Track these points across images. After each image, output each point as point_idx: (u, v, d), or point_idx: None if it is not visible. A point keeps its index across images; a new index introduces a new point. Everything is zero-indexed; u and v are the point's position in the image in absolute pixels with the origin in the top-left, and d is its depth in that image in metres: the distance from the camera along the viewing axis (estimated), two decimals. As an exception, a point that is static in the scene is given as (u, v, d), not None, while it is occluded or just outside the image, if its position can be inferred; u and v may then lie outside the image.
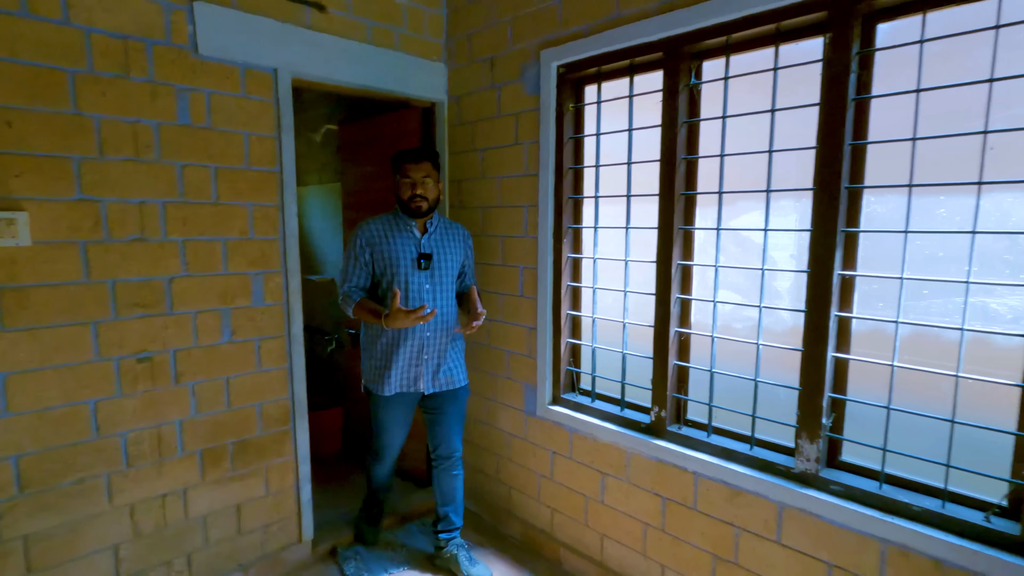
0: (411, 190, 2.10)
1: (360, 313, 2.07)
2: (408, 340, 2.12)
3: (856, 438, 1.62)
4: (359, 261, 2.13)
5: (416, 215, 2.12)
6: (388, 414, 2.24)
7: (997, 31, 1.30)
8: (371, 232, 2.13)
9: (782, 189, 1.70)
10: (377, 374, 2.17)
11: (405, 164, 2.11)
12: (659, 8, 1.84)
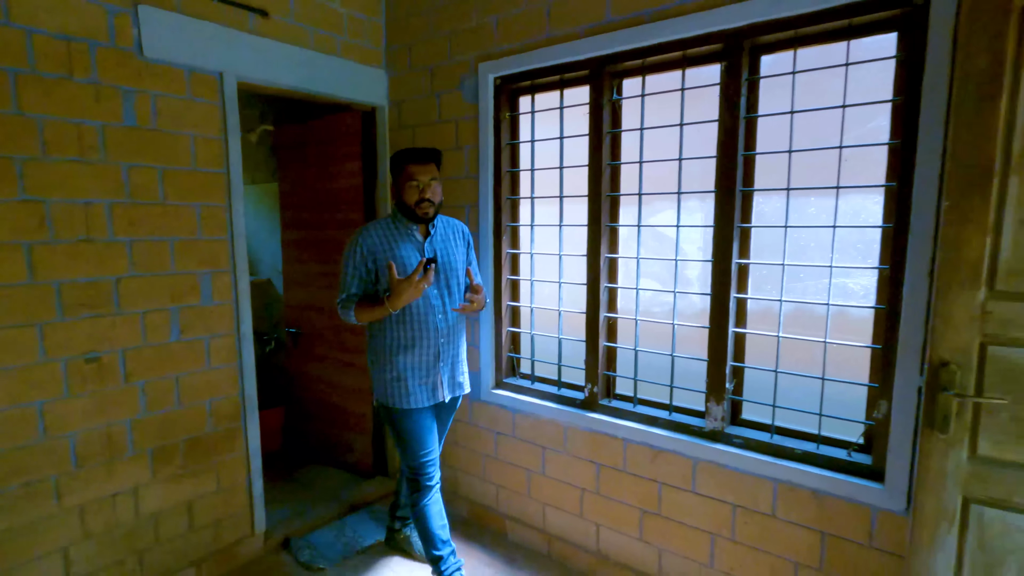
0: (419, 194, 1.94)
1: (362, 313, 1.94)
2: (423, 347, 1.99)
3: (753, 399, 1.94)
4: (359, 272, 1.97)
5: (423, 221, 1.98)
6: (414, 424, 2.03)
7: (847, 68, 1.65)
8: (372, 240, 1.96)
9: (690, 191, 2.00)
10: (394, 387, 2.01)
11: (410, 165, 1.95)
12: (585, 32, 2.09)
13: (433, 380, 2.03)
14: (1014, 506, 1.33)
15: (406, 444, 2.05)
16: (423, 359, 2.00)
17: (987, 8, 1.26)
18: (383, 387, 2.04)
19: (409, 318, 1.97)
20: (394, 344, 2.00)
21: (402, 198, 1.98)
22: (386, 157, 2.85)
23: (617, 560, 2.22)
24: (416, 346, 1.99)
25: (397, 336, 2.00)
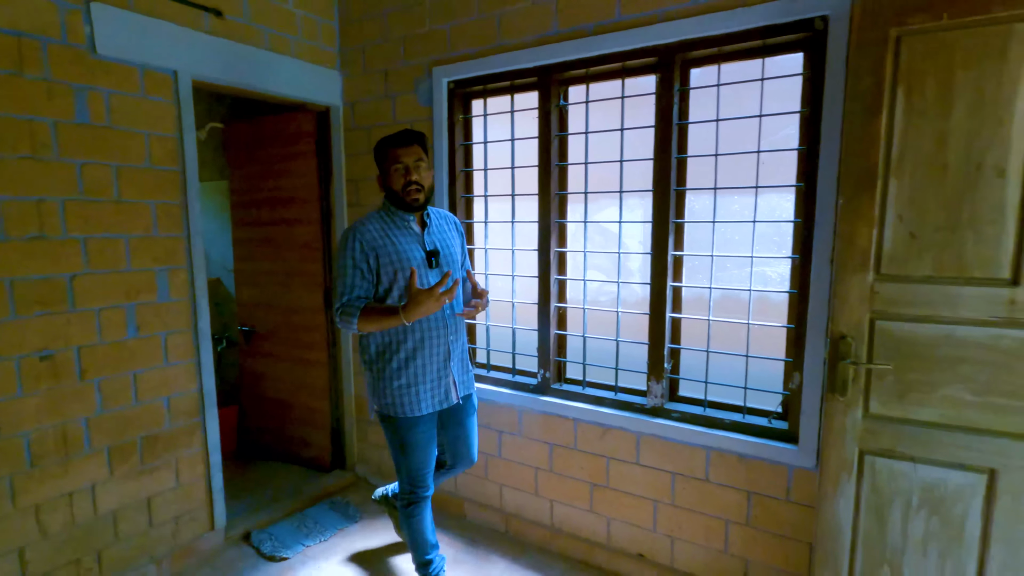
0: (404, 176, 1.81)
1: (368, 322, 1.74)
2: (433, 348, 1.85)
3: (688, 377, 2.16)
4: (359, 269, 1.79)
5: (413, 208, 1.84)
6: (419, 434, 1.90)
7: (763, 82, 1.88)
8: (370, 235, 1.81)
9: (631, 190, 2.19)
10: (401, 395, 1.85)
11: (392, 149, 1.83)
12: (534, 42, 2.25)
13: (446, 382, 1.90)
14: (897, 455, 1.58)
15: (410, 456, 1.92)
16: (434, 361, 1.86)
17: (870, 38, 1.50)
18: (389, 395, 1.86)
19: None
20: (402, 347, 1.83)
21: (389, 185, 1.85)
22: (341, 156, 2.91)
23: (570, 532, 2.39)
24: (426, 348, 1.84)
25: (405, 338, 1.83)
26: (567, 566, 2.34)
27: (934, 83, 1.45)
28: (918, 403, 1.55)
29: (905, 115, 1.49)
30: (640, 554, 2.23)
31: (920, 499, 1.57)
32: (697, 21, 1.90)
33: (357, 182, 2.89)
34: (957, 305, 1.48)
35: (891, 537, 1.62)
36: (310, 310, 3.08)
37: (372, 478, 3.06)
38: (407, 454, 1.93)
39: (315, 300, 3.06)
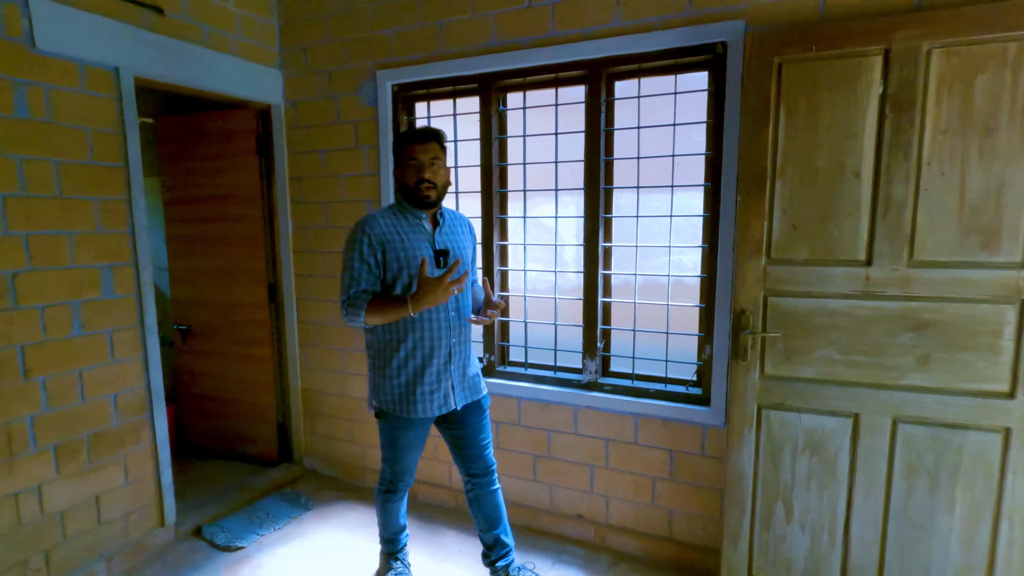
0: (417, 174, 1.79)
1: (376, 314, 1.74)
2: (435, 349, 1.84)
3: (618, 354, 2.44)
4: (367, 263, 1.77)
5: (425, 205, 1.82)
6: (412, 435, 1.93)
7: (675, 96, 2.18)
8: (380, 228, 1.79)
9: (565, 188, 2.44)
10: (401, 393, 1.85)
11: (410, 146, 1.81)
12: (474, 51, 2.44)
13: (445, 387, 1.87)
14: (786, 407, 1.92)
15: (396, 454, 1.96)
16: (434, 362, 1.84)
17: (759, 64, 1.82)
18: (388, 393, 1.87)
19: (421, 315, 1.80)
20: (402, 345, 1.83)
21: (403, 181, 1.83)
22: (284, 154, 2.96)
23: (516, 501, 2.61)
24: (427, 347, 1.83)
25: (407, 337, 1.82)
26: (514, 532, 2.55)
27: (806, 102, 1.79)
28: (801, 363, 1.89)
29: (786, 128, 1.82)
30: (580, 515, 2.48)
31: (804, 442, 1.92)
32: (619, 40, 2.17)
33: (301, 180, 2.96)
34: (827, 282, 1.83)
35: (783, 476, 1.96)
36: (253, 306, 3.11)
37: (321, 470, 3.14)
38: (395, 452, 1.96)
39: (259, 296, 3.10)
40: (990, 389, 1.72)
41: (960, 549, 1.80)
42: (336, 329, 2.97)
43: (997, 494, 1.75)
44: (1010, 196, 1.65)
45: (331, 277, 2.94)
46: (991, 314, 1.70)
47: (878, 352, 1.80)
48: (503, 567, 2.07)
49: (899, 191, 1.73)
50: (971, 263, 1.70)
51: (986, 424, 1.73)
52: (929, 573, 1.84)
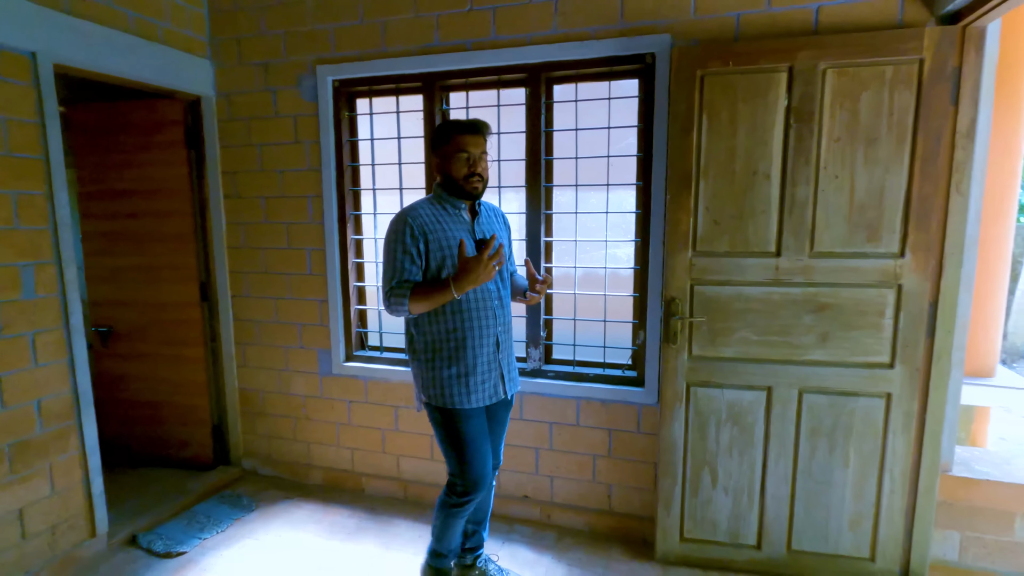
0: (468, 167, 1.76)
1: (420, 301, 1.70)
2: (484, 337, 1.82)
3: (560, 342, 2.59)
4: (409, 254, 1.73)
5: (471, 197, 1.82)
6: (475, 424, 1.85)
7: (609, 101, 2.35)
8: (423, 218, 1.76)
9: (507, 186, 2.55)
10: (455, 384, 1.81)
11: (459, 136, 1.76)
12: (418, 51, 2.49)
13: (495, 375, 1.87)
14: (711, 384, 2.15)
15: (464, 453, 1.84)
16: (485, 351, 1.83)
17: (684, 76, 2.02)
18: (439, 385, 1.81)
19: (467, 305, 1.79)
20: (453, 335, 1.80)
21: (449, 172, 1.79)
22: (216, 147, 2.87)
23: (464, 487, 2.71)
24: (477, 337, 1.81)
25: (456, 326, 1.80)
26: (463, 517, 2.66)
27: (725, 111, 2.01)
28: (723, 344, 2.12)
29: (708, 134, 2.04)
30: (525, 495, 2.62)
31: (727, 414, 2.16)
32: (558, 47, 2.31)
33: (236, 174, 2.88)
34: (744, 272, 2.07)
35: (709, 445, 2.19)
36: (184, 305, 2.99)
37: (262, 470, 3.08)
38: (462, 449, 1.84)
39: (189, 294, 2.98)
40: (875, 361, 2.02)
41: (852, 499, 2.10)
42: (277, 326, 2.93)
43: (881, 451, 2.06)
44: (889, 197, 1.94)
45: (271, 273, 2.89)
46: (875, 297, 1.99)
47: (786, 332, 2.06)
48: (474, 557, 2.14)
49: (802, 192, 1.99)
50: (859, 254, 1.99)
51: (872, 391, 2.03)
52: (828, 522, 2.13)
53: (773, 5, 2.04)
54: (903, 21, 1.93)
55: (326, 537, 2.51)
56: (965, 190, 1.90)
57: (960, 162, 1.89)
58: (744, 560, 2.22)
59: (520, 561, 2.31)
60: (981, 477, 2.09)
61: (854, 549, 2.12)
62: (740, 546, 2.21)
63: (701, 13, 2.12)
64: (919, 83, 1.87)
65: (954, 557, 2.14)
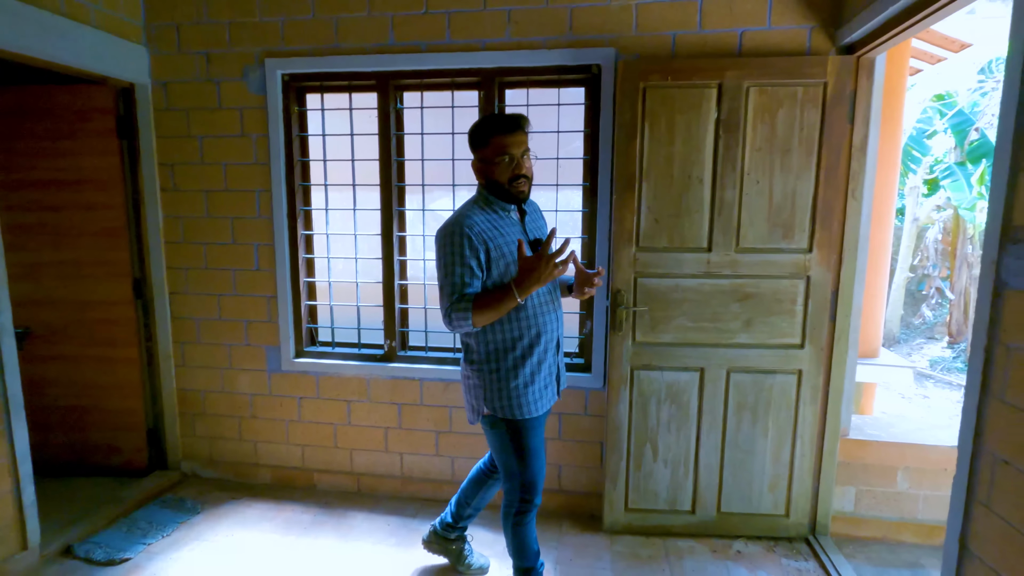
0: (511, 170, 1.67)
1: (484, 312, 1.61)
2: (547, 342, 1.76)
3: (511, 334, 2.73)
4: (468, 266, 1.63)
5: (518, 201, 1.74)
6: (539, 435, 1.80)
7: (559, 107, 2.52)
8: (479, 227, 1.66)
9: (462, 184, 2.66)
10: (520, 395, 1.73)
11: (498, 137, 1.66)
12: (372, 49, 2.53)
13: (553, 378, 1.83)
14: (652, 367, 2.38)
15: (529, 461, 1.79)
16: (548, 355, 1.78)
17: (628, 87, 2.22)
18: (505, 397, 1.73)
19: (531, 310, 1.72)
20: (519, 343, 1.71)
21: (492, 177, 1.70)
22: (151, 137, 2.75)
23: (419, 477, 2.79)
24: (542, 342, 1.74)
25: (522, 332, 1.71)
26: (419, 505, 2.74)
27: (664, 121, 2.23)
28: (662, 331, 2.36)
29: (650, 141, 2.25)
30: (480, 481, 2.74)
31: (665, 394, 2.39)
32: (510, 54, 2.44)
33: (174, 166, 2.77)
34: (681, 265, 2.31)
35: (650, 423, 2.42)
36: (114, 303, 2.84)
37: (204, 472, 2.98)
38: (526, 459, 1.78)
39: (121, 292, 2.84)
40: (789, 342, 2.33)
41: (771, 464, 2.41)
42: (221, 323, 2.85)
43: (794, 420, 2.38)
44: (799, 200, 2.25)
45: (214, 269, 2.81)
46: (789, 287, 2.30)
47: (717, 319, 2.33)
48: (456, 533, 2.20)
49: (729, 195, 2.25)
50: (776, 249, 2.28)
51: (787, 368, 2.34)
52: (751, 485, 2.42)
53: (704, 28, 2.29)
54: (811, 49, 2.24)
55: (282, 533, 2.50)
56: (859, 196, 2.24)
57: (855, 172, 2.23)
58: (681, 525, 2.47)
59: (479, 542, 2.43)
60: (871, 439, 2.46)
61: (773, 507, 2.43)
62: (677, 512, 2.46)
63: (642, 30, 2.33)
64: (823, 103, 2.18)
65: (851, 508, 2.50)
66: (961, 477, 1.38)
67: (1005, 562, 1.25)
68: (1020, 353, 1.22)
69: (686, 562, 2.31)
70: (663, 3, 2.31)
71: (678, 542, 2.44)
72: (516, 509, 1.85)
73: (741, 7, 2.26)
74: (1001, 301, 1.28)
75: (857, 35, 2.09)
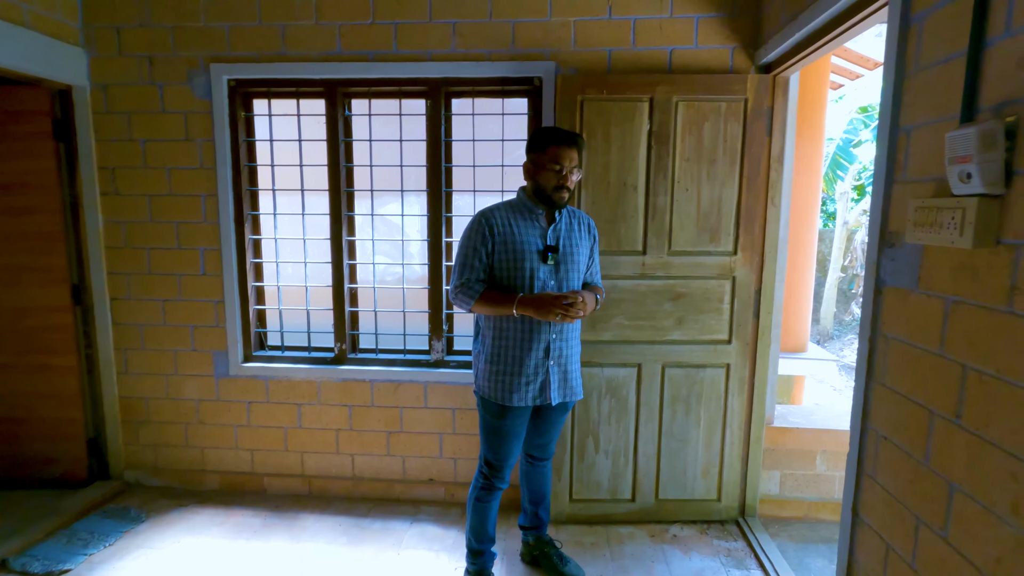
0: (557, 179, 1.85)
1: (483, 305, 1.86)
2: (534, 342, 1.90)
3: (462, 334, 2.82)
4: (479, 252, 1.88)
5: (555, 207, 1.91)
6: (508, 424, 1.96)
7: (503, 116, 2.63)
8: (496, 220, 1.89)
9: (410, 190, 2.73)
10: (503, 381, 1.92)
11: (555, 147, 1.84)
12: (320, 57, 2.58)
13: (542, 380, 1.94)
14: (593, 363, 2.50)
15: (494, 444, 1.99)
16: (533, 356, 1.90)
17: (567, 100, 2.35)
18: (484, 378, 1.96)
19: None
20: (504, 335, 1.91)
21: (537, 180, 1.89)
22: (90, 141, 2.70)
23: (370, 477, 2.83)
24: (527, 340, 1.89)
25: (508, 328, 1.91)
26: (371, 504, 2.78)
27: (601, 132, 2.38)
28: (602, 330, 2.50)
29: (588, 150, 2.39)
30: (431, 478, 2.81)
31: (606, 388, 2.53)
32: (456, 65, 2.53)
33: (115, 170, 2.73)
34: (619, 267, 2.45)
35: (592, 416, 2.55)
36: (52, 309, 2.77)
37: (148, 481, 2.94)
38: (492, 441, 1.99)
39: (58, 298, 2.77)
40: (718, 338, 2.51)
41: (704, 452, 2.58)
42: (166, 329, 2.82)
43: (724, 410, 2.56)
44: (725, 207, 2.43)
45: (159, 275, 2.78)
46: (717, 287, 2.48)
47: (652, 317, 2.49)
48: (535, 536, 2.27)
49: (661, 201, 2.42)
50: (704, 252, 2.46)
51: (716, 362, 2.52)
52: (686, 472, 2.59)
53: (638, 45, 2.45)
54: (733, 68, 2.43)
55: (231, 538, 2.50)
56: (778, 202, 2.45)
57: (774, 180, 2.43)
58: (622, 512, 2.61)
59: (428, 536, 2.50)
60: (793, 426, 2.68)
61: (706, 493, 2.61)
62: (618, 500, 2.61)
63: (580, 46, 2.47)
64: (744, 117, 2.37)
65: (776, 491, 2.71)
66: (853, 453, 1.56)
67: (885, 526, 1.43)
68: (896, 342, 1.40)
69: (626, 547, 2.45)
70: (600, 21, 2.45)
71: (619, 529, 2.59)
72: (477, 483, 2.07)
73: (671, 27, 2.43)
74: (881, 297, 1.46)
75: (773, 56, 2.29)
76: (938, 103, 1.26)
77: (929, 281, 1.28)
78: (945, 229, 1.15)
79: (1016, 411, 1.04)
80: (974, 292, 1.15)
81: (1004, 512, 1.06)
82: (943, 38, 1.25)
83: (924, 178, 1.30)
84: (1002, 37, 1.09)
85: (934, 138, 1.27)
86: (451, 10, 2.50)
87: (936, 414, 1.25)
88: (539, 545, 2.26)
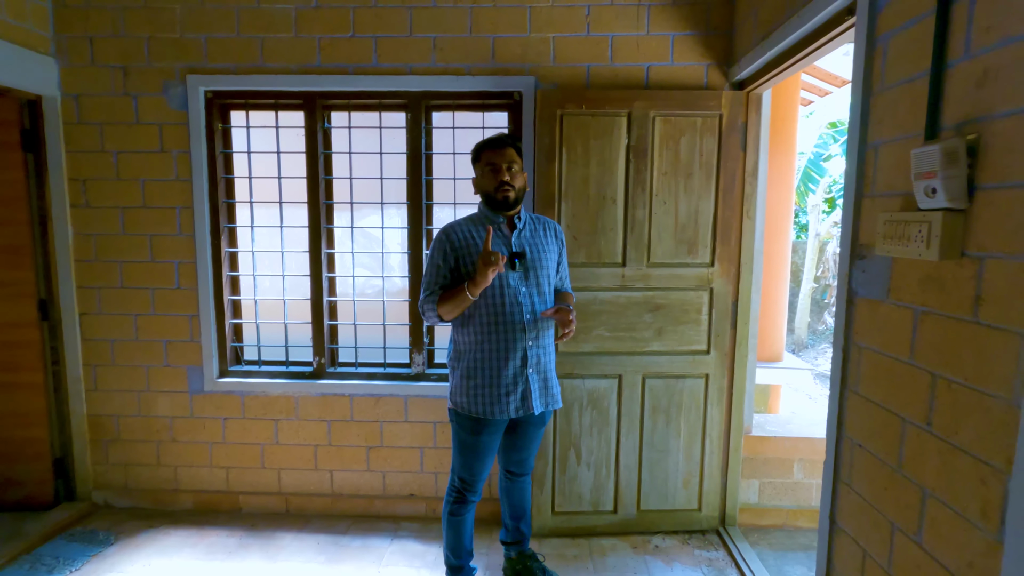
0: (496, 178, 1.90)
1: (445, 304, 1.85)
2: (509, 351, 1.89)
3: (442, 346, 2.80)
4: (441, 270, 1.90)
5: (504, 207, 1.92)
6: (482, 439, 1.95)
7: (483, 129, 2.65)
8: (456, 235, 1.91)
9: (390, 202, 2.72)
10: (482, 395, 1.90)
11: (486, 151, 1.93)
12: (299, 69, 2.57)
13: (522, 389, 1.93)
14: (575, 375, 2.51)
15: (469, 459, 1.98)
16: (511, 364, 1.90)
17: (547, 114, 2.38)
18: (461, 393, 1.94)
19: (496, 318, 1.89)
20: (479, 347, 1.91)
21: (484, 189, 1.95)
22: (60, 151, 2.64)
23: (350, 493, 2.78)
24: (503, 349, 1.89)
25: (483, 338, 1.90)
26: (350, 522, 2.73)
27: (580, 146, 2.41)
28: (583, 341, 2.51)
29: (567, 164, 2.42)
30: (411, 493, 2.78)
31: (587, 400, 2.54)
32: (436, 79, 2.55)
33: (86, 182, 2.67)
34: (599, 279, 2.47)
35: (574, 428, 2.55)
36: (17, 325, 2.69)
37: (118, 502, 2.84)
38: (466, 457, 1.98)
39: (23, 313, 2.69)
40: (697, 349, 2.54)
41: (684, 462, 2.60)
42: (137, 345, 2.75)
43: (703, 420, 2.59)
44: (702, 219, 2.48)
45: (131, 288, 2.71)
46: (695, 298, 2.52)
47: (632, 328, 2.51)
48: (517, 551, 2.24)
49: (640, 214, 2.45)
50: (682, 263, 2.50)
51: (696, 372, 2.55)
52: (667, 482, 2.61)
53: (615, 61, 2.50)
54: (708, 84, 2.49)
55: (205, 559, 2.43)
56: (753, 215, 2.50)
57: (748, 194, 2.49)
58: (605, 524, 2.61)
59: (410, 553, 2.47)
60: (770, 435, 2.71)
61: (686, 503, 2.62)
62: (600, 512, 2.61)
63: (559, 62, 2.51)
64: (720, 133, 2.43)
65: (755, 499, 2.74)
66: (829, 461, 1.59)
67: (862, 533, 1.46)
68: (868, 351, 1.44)
69: (609, 559, 2.45)
70: (578, 37, 2.50)
71: (602, 541, 2.58)
72: (449, 498, 2.06)
73: (647, 44, 2.48)
74: (853, 308, 1.50)
75: (745, 73, 2.35)
76: (904, 121, 1.31)
77: (899, 292, 1.32)
78: (913, 242, 1.19)
79: (982, 417, 1.07)
80: (941, 302, 1.18)
81: (974, 516, 1.09)
82: (907, 58, 1.31)
83: (892, 193, 1.34)
84: (962, 59, 1.14)
85: (901, 154, 1.31)
86: (431, 25, 2.52)
87: (908, 421, 1.28)
88: (522, 559, 2.24)
